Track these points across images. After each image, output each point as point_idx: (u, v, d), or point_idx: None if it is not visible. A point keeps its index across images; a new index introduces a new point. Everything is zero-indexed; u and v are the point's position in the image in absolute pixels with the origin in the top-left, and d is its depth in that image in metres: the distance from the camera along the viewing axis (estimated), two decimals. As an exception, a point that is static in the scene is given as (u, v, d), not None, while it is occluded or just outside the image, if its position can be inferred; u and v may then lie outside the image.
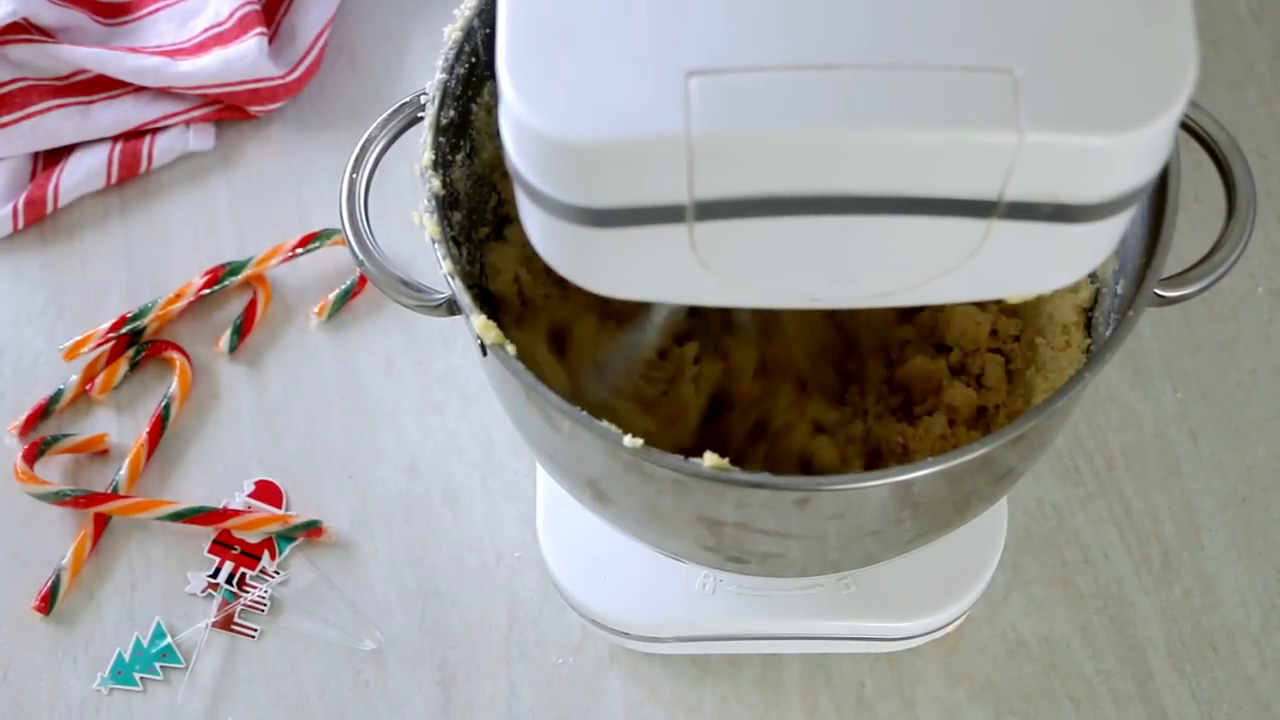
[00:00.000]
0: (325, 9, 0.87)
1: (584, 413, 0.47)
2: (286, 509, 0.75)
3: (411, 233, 0.72)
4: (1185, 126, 0.53)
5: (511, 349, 0.49)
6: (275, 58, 0.84)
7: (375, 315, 0.80)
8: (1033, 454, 0.54)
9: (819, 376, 0.62)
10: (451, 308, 0.53)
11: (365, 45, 0.88)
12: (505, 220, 0.62)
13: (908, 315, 0.64)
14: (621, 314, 0.60)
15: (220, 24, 0.85)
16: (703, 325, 0.61)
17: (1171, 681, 0.69)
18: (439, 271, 0.51)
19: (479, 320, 0.50)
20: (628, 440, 0.46)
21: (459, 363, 0.78)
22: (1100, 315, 0.56)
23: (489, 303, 0.59)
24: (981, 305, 0.62)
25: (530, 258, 0.60)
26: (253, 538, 0.74)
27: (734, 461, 0.47)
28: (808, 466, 0.60)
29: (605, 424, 0.47)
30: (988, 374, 0.61)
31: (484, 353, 0.52)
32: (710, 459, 0.46)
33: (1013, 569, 0.72)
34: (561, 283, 0.59)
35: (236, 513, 0.74)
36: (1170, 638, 0.70)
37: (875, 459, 0.61)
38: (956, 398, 0.60)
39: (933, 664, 0.70)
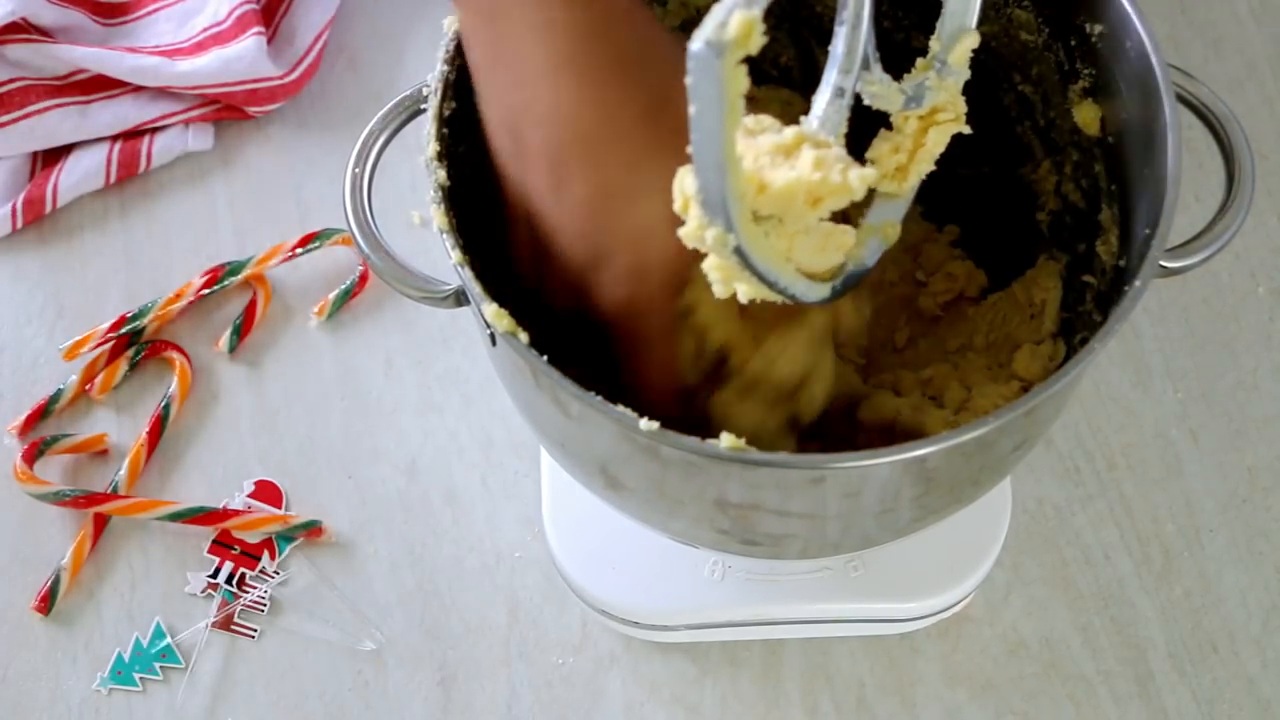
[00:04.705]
0: (325, 9, 0.87)
1: (598, 396, 0.47)
2: (286, 509, 0.75)
3: (412, 233, 0.71)
4: (1182, 99, 0.53)
5: (523, 337, 0.49)
6: (275, 58, 0.84)
7: (375, 315, 0.79)
8: (1044, 425, 0.55)
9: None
10: (459, 298, 0.53)
11: (365, 46, 0.88)
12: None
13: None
14: None
15: (219, 24, 0.84)
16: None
17: (1172, 681, 0.69)
18: (448, 262, 0.51)
19: (491, 309, 0.50)
20: (644, 423, 0.46)
21: (459, 363, 0.78)
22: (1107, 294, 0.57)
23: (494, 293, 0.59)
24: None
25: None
26: (252, 538, 0.74)
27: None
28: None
29: (620, 407, 0.47)
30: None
31: (493, 342, 0.52)
32: (727, 439, 0.47)
33: (1013, 569, 0.72)
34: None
35: (236, 513, 0.74)
36: (1171, 638, 0.70)
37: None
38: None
39: (933, 664, 0.70)
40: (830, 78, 0.49)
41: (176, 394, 0.77)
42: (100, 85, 0.84)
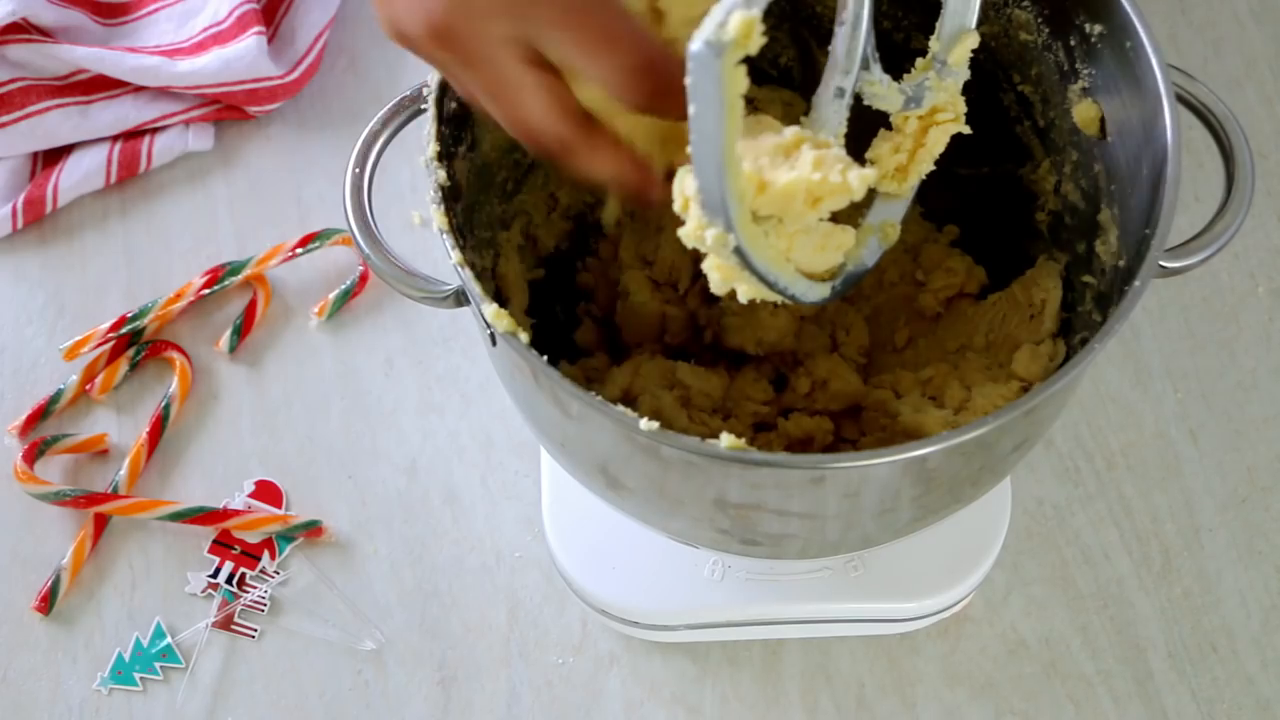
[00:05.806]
0: (325, 10, 0.87)
1: (597, 397, 0.47)
2: (286, 509, 0.75)
3: (412, 234, 0.72)
4: (1182, 100, 0.53)
5: (524, 337, 0.49)
6: (275, 58, 0.84)
7: (375, 315, 0.80)
8: (1043, 425, 0.55)
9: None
10: (459, 298, 0.53)
11: (365, 46, 0.88)
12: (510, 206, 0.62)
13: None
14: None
15: (219, 23, 0.85)
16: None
17: (1171, 681, 0.69)
18: (448, 262, 0.51)
19: (491, 309, 0.50)
20: (644, 423, 0.46)
21: (459, 363, 0.78)
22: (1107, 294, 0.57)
23: (494, 293, 0.60)
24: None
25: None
26: (253, 538, 0.74)
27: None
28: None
29: (620, 408, 0.47)
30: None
31: (494, 342, 0.52)
32: (727, 439, 0.47)
33: (1013, 569, 0.72)
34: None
35: (236, 513, 0.74)
36: (1170, 638, 0.70)
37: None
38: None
39: (933, 664, 0.70)
40: (830, 78, 0.49)
41: (176, 394, 0.77)
42: (100, 85, 0.84)
